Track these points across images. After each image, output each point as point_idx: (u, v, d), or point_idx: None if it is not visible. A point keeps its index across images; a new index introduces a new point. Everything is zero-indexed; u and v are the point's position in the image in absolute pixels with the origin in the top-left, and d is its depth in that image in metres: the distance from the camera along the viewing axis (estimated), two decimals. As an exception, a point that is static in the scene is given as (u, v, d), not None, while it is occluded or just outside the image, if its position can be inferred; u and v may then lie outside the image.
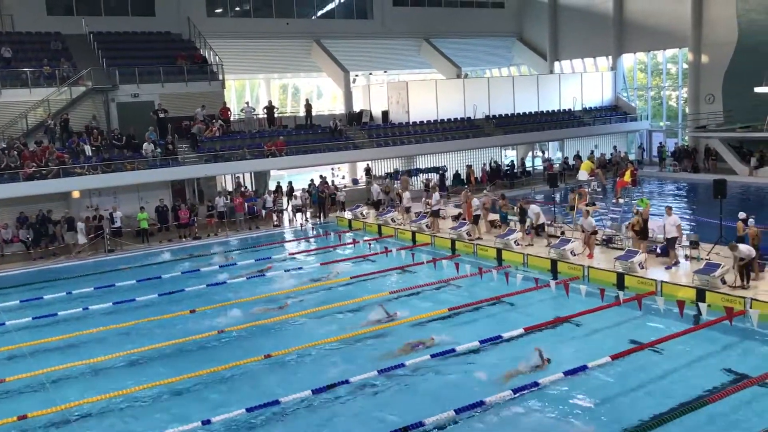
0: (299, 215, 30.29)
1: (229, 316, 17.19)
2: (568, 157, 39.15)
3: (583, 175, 26.77)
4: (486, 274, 19.09)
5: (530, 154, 42.18)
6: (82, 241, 24.97)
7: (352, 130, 35.48)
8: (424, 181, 33.48)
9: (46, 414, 11.95)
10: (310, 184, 31.02)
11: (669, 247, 18.66)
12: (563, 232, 22.22)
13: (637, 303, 15.70)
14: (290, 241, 26.94)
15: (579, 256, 19.84)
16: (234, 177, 31.47)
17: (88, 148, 27.23)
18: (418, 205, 27.71)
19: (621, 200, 24.88)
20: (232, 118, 33.17)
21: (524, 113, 40.25)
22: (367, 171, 35.55)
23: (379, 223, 27.49)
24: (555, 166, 38.28)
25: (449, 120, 37.74)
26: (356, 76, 42.70)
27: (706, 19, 37.89)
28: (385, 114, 37.81)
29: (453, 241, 23.62)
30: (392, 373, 13.02)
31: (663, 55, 42.50)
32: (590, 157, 32.90)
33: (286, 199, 31.11)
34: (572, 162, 38.03)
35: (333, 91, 48.82)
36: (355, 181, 36.63)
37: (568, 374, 12.45)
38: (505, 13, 48.48)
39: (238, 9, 39.38)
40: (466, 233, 23.51)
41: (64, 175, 25.82)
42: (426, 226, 25.45)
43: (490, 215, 25.15)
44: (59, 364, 14.25)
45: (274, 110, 34.91)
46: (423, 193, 30.16)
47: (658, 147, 40.47)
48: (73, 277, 22.19)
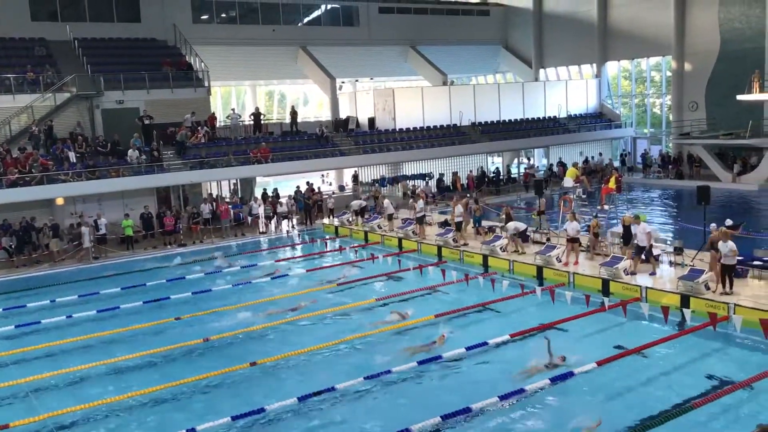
0: (285, 222, 30.21)
1: (216, 324, 17.13)
2: (552, 164, 39.40)
3: (569, 181, 26.94)
4: (472, 281, 19.12)
5: (516, 160, 42.39)
6: (87, 245, 25.10)
7: (339, 137, 35.49)
8: (410, 188, 33.54)
9: (28, 423, 11.82)
10: (296, 191, 30.97)
11: (637, 255, 18.63)
12: (549, 239, 22.31)
13: (622, 309, 15.78)
14: (276, 248, 26.88)
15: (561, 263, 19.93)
16: (231, 183, 31.41)
17: (73, 155, 27.04)
18: (405, 212, 27.74)
19: (606, 207, 25.05)
20: (217, 125, 33.09)
21: (510, 120, 40.44)
22: (355, 178, 35.54)
23: (366, 230, 27.49)
24: (539, 173, 38.47)
25: (435, 127, 37.86)
26: (342, 83, 42.74)
27: (689, 27, 38.33)
28: (372, 121, 37.86)
29: (439, 248, 23.67)
30: (381, 379, 13.04)
31: (647, 62, 42.91)
32: (575, 164, 32.95)
33: (273, 206, 30.99)
34: (554, 169, 38.33)
35: (319, 97, 48.80)
36: (341, 188, 36.61)
37: (555, 380, 12.49)
38: (490, 20, 48.77)
39: (224, 16, 39.33)
40: (452, 239, 23.56)
41: (48, 182, 25.63)
42: (412, 232, 25.47)
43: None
44: (42, 373, 14.09)
45: (261, 117, 34.85)
46: (409, 199, 30.18)
47: (642, 154, 40.82)
48: (57, 284, 22.01)
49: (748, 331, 14.15)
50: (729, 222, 18.29)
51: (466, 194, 28.62)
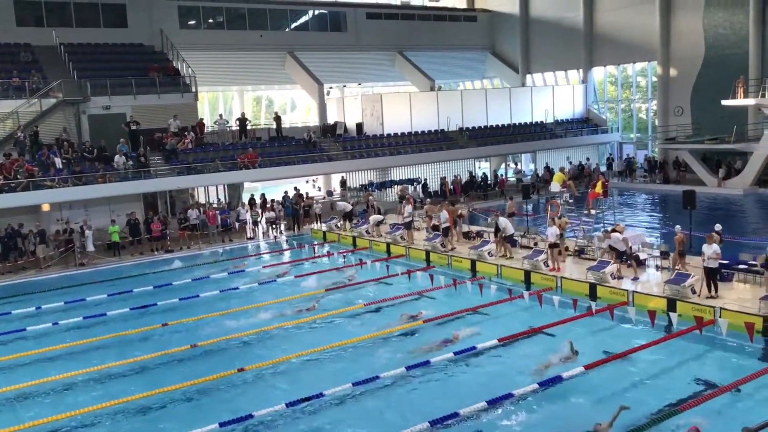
0: (273, 228, 30.13)
1: (204, 330, 17.07)
2: (536, 169, 39.59)
3: (555, 186, 27.04)
4: (460, 286, 19.14)
5: (503, 165, 42.55)
6: (90, 249, 25.19)
7: (327, 142, 35.49)
8: (399, 193, 33.54)
9: (14, 431, 11.71)
10: (284, 197, 30.92)
11: (618, 259, 18.76)
12: (536, 243, 22.38)
13: (610, 313, 15.84)
14: (264, 253, 26.83)
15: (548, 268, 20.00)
16: (224, 188, 31.36)
17: (59, 161, 26.89)
18: (393, 217, 27.76)
19: (593, 211, 25.15)
20: (205, 130, 32.99)
21: (497, 125, 40.60)
22: (343, 183, 35.51)
23: (354, 235, 27.48)
24: (526, 178, 38.60)
25: (423, 132, 37.96)
26: (330, 88, 42.77)
27: (674, 33, 38.67)
28: (360, 126, 37.90)
29: (427, 253, 23.70)
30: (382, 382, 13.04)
31: (632, 68, 43.23)
32: (561, 169, 33.09)
33: (260, 212, 30.95)
34: (540, 173, 38.54)
35: (307, 103, 48.81)
36: (329, 193, 36.58)
37: (543, 385, 12.53)
38: (477, 26, 48.97)
39: (211, 21, 39.27)
40: (440, 244, 23.60)
41: (34, 188, 25.45)
42: (401, 237, 25.49)
43: (465, 227, 25.27)
44: (28, 381, 13.96)
45: (247, 122, 34.80)
46: (398, 204, 30.21)
47: (625, 159, 41.12)
48: (43, 291, 21.85)
49: (734, 335, 14.24)
50: (718, 227, 18.34)
51: (441, 200, 28.72)
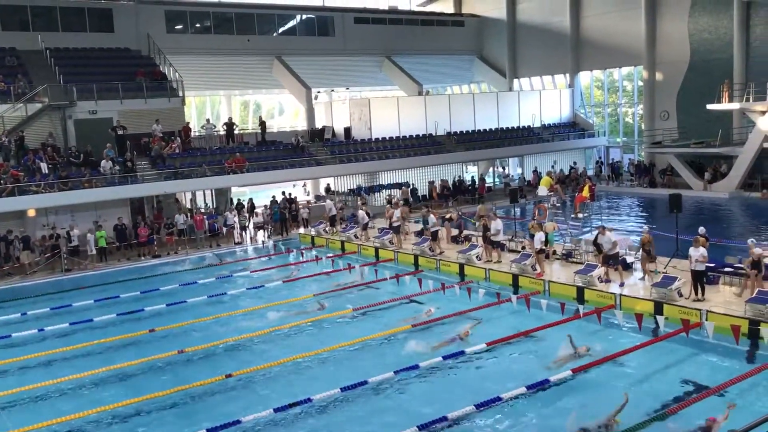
0: (261, 232, 30.04)
1: (191, 336, 17.00)
2: (523, 174, 39.74)
3: (543, 190, 27.21)
4: (449, 290, 19.16)
5: (491, 170, 42.66)
6: (92, 252, 25.33)
7: (315, 147, 35.47)
8: (387, 197, 33.58)
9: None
10: (272, 201, 30.86)
11: (603, 263, 18.72)
12: (524, 247, 22.44)
13: (597, 316, 15.91)
14: (252, 258, 26.75)
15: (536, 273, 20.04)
16: (212, 193, 31.25)
17: (44, 166, 26.69)
18: (381, 221, 27.76)
19: (580, 215, 25.30)
20: (192, 135, 32.87)
21: (485, 130, 40.72)
22: (327, 190, 35.44)
23: (342, 240, 27.46)
24: (513, 182, 38.74)
25: (411, 136, 38.01)
26: (318, 92, 42.74)
27: (660, 38, 38.95)
28: (348, 130, 37.90)
29: (416, 257, 23.71)
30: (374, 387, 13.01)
31: (619, 72, 43.50)
32: (549, 173, 33.33)
33: (248, 216, 30.87)
34: (527, 178, 38.69)
35: (295, 107, 48.79)
36: (318, 198, 36.55)
37: (530, 388, 12.55)
38: (464, 31, 49.12)
39: (198, 26, 39.16)
40: (428, 249, 23.61)
41: (20, 194, 25.23)
42: (389, 242, 25.49)
43: (454, 231, 25.31)
44: (13, 388, 13.84)
45: (234, 127, 34.72)
46: (386, 208, 30.20)
47: (611, 164, 41.34)
48: (28, 297, 21.67)
49: (720, 337, 14.32)
50: (702, 230, 18.46)
51: (435, 204, 28.79)
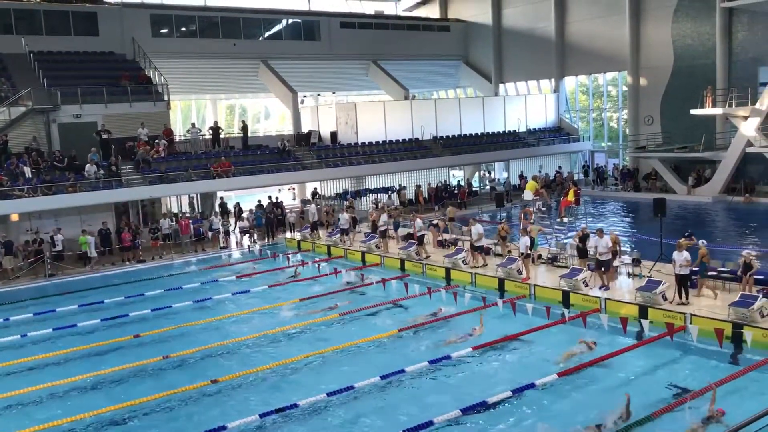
0: (247, 237, 29.93)
1: (176, 341, 16.90)
2: (508, 178, 39.89)
3: (528, 195, 27.31)
4: (435, 294, 19.18)
5: (476, 174, 42.79)
6: (93, 254, 25.31)
7: (301, 151, 35.42)
8: (373, 202, 33.59)
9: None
10: (257, 205, 30.76)
11: (597, 269, 18.69)
12: (509, 252, 22.51)
13: (582, 320, 15.98)
14: (237, 263, 26.65)
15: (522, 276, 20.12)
16: (197, 198, 31.15)
17: (28, 170, 26.47)
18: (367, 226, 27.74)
19: (565, 219, 25.42)
20: (177, 139, 32.71)
21: (470, 134, 40.86)
22: (314, 194, 35.38)
23: (329, 244, 27.43)
24: (499, 187, 38.88)
25: (397, 141, 38.07)
26: (304, 97, 42.68)
27: (644, 43, 39.28)
28: (334, 135, 37.89)
29: (402, 261, 23.72)
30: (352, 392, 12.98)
31: (603, 77, 43.81)
32: (534, 177, 33.48)
33: (234, 221, 30.75)
34: (514, 182, 38.83)
35: (281, 111, 48.69)
36: (304, 202, 36.46)
37: (516, 392, 12.58)
38: (450, 36, 49.28)
39: (184, 29, 39.01)
40: (415, 253, 23.64)
41: (3, 198, 24.99)
42: (375, 246, 25.49)
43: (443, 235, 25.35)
44: (-4, 394, 13.72)
45: (220, 131, 34.61)
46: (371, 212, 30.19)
47: (595, 168, 41.59)
48: (11, 303, 21.47)
49: (704, 341, 14.43)
50: (691, 239, 18.55)
51: (421, 208, 28.80)
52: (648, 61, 39.16)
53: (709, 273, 17.45)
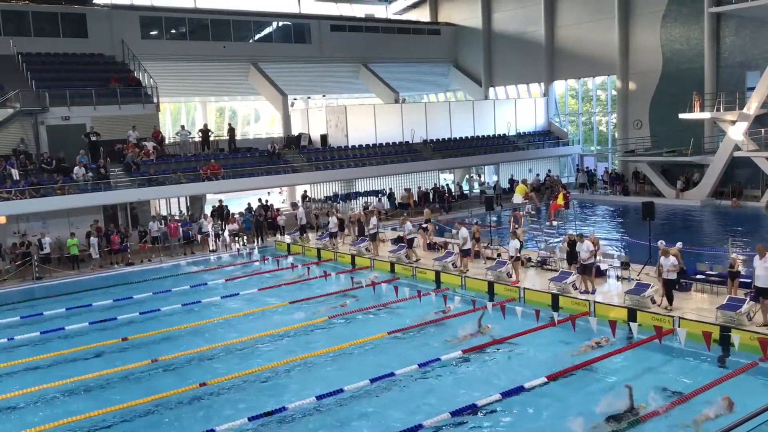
0: (236, 240, 29.83)
1: (165, 345, 16.83)
2: (498, 181, 40.00)
3: (518, 198, 27.38)
4: (425, 297, 19.18)
5: (466, 178, 42.86)
6: (95, 255, 25.30)
7: (291, 154, 35.37)
8: (363, 204, 33.57)
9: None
10: (247, 208, 30.67)
11: (581, 273, 18.67)
12: (499, 254, 22.55)
13: (571, 323, 16.02)
14: (226, 266, 26.57)
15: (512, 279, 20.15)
16: (186, 200, 31.02)
17: (16, 172, 26.31)
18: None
19: (555, 222, 25.50)
20: (167, 141, 32.59)
21: (461, 138, 40.94)
22: (304, 197, 35.31)
23: (319, 247, 27.39)
24: (489, 190, 38.97)
25: (388, 144, 38.09)
26: (294, 99, 42.63)
27: (633, 48, 39.50)
28: (324, 138, 37.86)
29: (392, 264, 23.71)
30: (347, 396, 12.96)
31: (593, 82, 44.01)
32: (524, 181, 33.55)
33: (222, 224, 30.64)
34: (503, 185, 38.93)
35: (271, 114, 48.59)
36: (294, 205, 36.39)
37: (505, 395, 12.59)
38: (441, 39, 49.41)
39: (173, 32, 38.91)
40: (405, 256, 23.64)
41: (-10, 200, 24.89)
42: (366, 249, 25.47)
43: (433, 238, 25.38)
44: (-19, 398, 13.60)
45: (210, 134, 34.51)
46: (352, 213, 30.22)
47: (585, 171, 41.74)
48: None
49: (692, 344, 14.50)
50: (679, 245, 18.62)
51: (411, 211, 28.83)
52: (637, 65, 39.39)
53: (698, 276, 17.54)
